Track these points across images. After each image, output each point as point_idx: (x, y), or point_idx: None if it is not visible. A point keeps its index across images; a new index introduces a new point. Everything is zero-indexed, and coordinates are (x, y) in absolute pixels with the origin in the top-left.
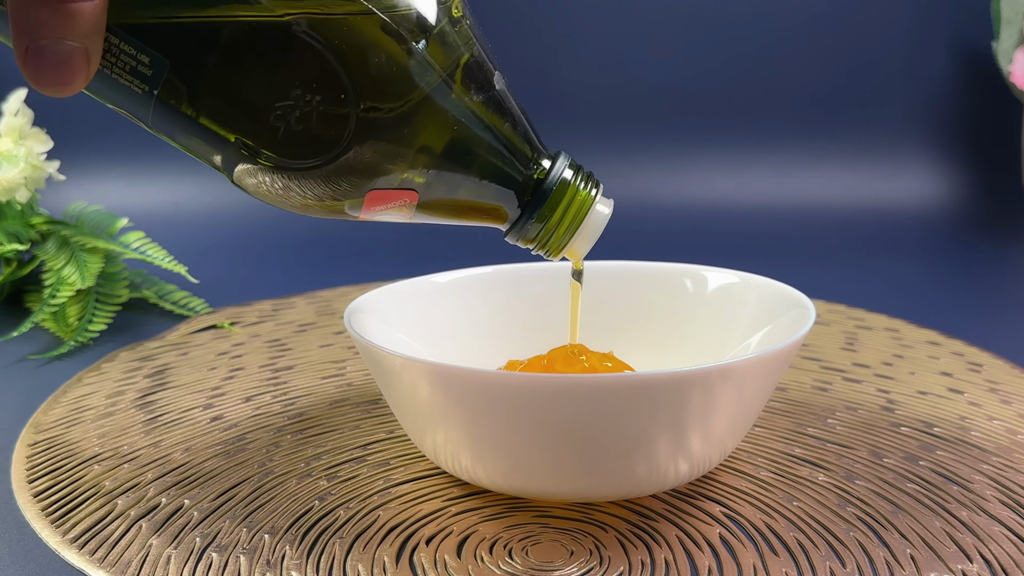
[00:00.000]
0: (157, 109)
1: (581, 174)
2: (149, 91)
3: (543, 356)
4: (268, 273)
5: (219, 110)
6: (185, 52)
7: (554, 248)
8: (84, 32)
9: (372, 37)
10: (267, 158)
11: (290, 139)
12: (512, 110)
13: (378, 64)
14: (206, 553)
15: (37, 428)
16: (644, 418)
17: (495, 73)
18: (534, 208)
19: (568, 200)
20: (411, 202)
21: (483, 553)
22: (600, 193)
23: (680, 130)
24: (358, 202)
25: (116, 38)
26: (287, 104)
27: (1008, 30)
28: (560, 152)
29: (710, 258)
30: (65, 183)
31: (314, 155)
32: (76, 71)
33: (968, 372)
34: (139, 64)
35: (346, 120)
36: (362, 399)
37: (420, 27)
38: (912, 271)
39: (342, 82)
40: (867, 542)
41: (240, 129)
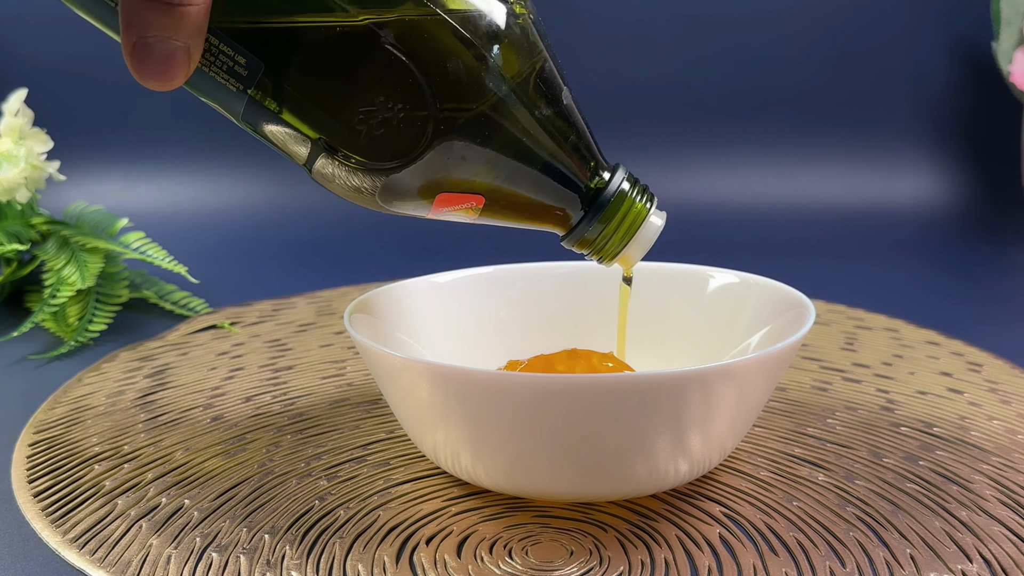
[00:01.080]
0: (249, 106)
1: (638, 187)
2: (243, 90)
3: (543, 356)
4: (268, 273)
5: (306, 111)
6: (279, 56)
7: (608, 254)
8: (188, 32)
9: (447, 44)
10: (346, 157)
11: (371, 142)
12: (578, 122)
13: (453, 70)
14: (206, 553)
15: (37, 428)
16: (644, 418)
17: (563, 87)
18: (593, 216)
19: (625, 210)
20: (477, 205)
21: (483, 553)
22: (655, 206)
23: (680, 130)
24: (428, 203)
25: (216, 39)
26: (369, 109)
27: (1008, 30)
28: (619, 164)
29: (710, 258)
30: (65, 183)
31: (392, 158)
32: (178, 68)
33: (968, 372)
34: (236, 64)
35: (424, 125)
36: (362, 399)
37: (493, 35)
38: (912, 271)
39: (420, 87)
40: (867, 542)
41: (324, 129)
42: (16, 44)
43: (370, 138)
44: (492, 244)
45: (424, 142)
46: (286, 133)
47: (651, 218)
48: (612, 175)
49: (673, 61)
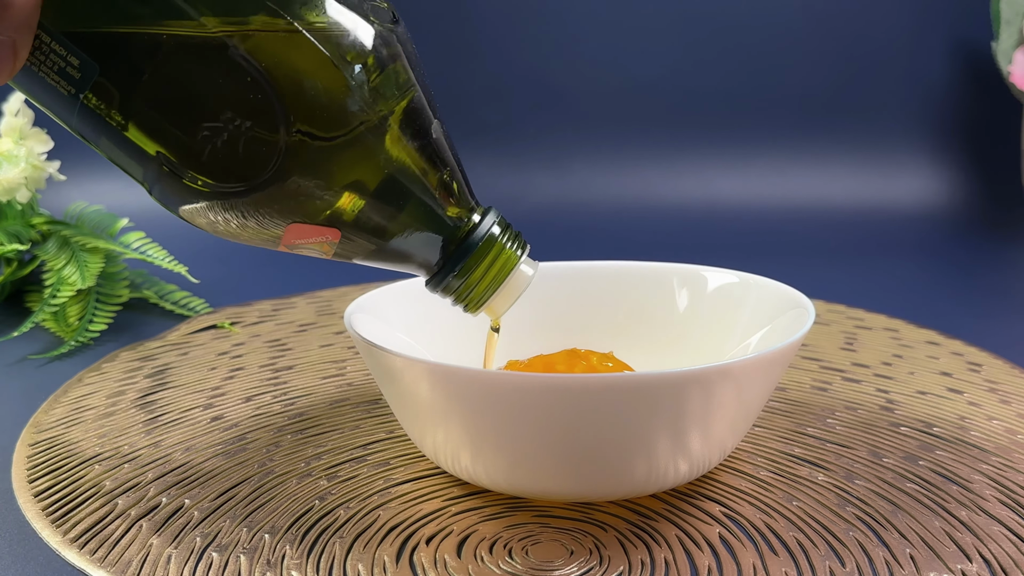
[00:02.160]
0: (82, 113)
1: (509, 232)
2: (75, 94)
3: (543, 356)
4: (268, 273)
5: (145, 122)
6: (116, 60)
7: (473, 304)
8: (14, 26)
9: (307, 64)
10: (190, 178)
11: (215, 161)
12: (447, 159)
13: (313, 92)
14: (206, 553)
15: (37, 428)
16: (644, 418)
17: (434, 121)
18: (457, 261)
19: (493, 257)
20: (333, 240)
21: (483, 553)
22: (526, 254)
23: (680, 130)
24: (278, 234)
25: (48, 36)
26: (215, 125)
27: (1008, 30)
28: (491, 208)
29: (710, 258)
30: (65, 183)
31: (238, 180)
32: (2, 63)
33: (967, 372)
34: (68, 66)
35: (274, 147)
36: (362, 399)
37: (356, 56)
38: (912, 271)
39: (271, 105)
40: (867, 542)
41: (164, 144)
42: None
43: (214, 157)
44: None
45: (272, 166)
46: (122, 146)
47: (521, 267)
48: (482, 218)
49: (673, 61)
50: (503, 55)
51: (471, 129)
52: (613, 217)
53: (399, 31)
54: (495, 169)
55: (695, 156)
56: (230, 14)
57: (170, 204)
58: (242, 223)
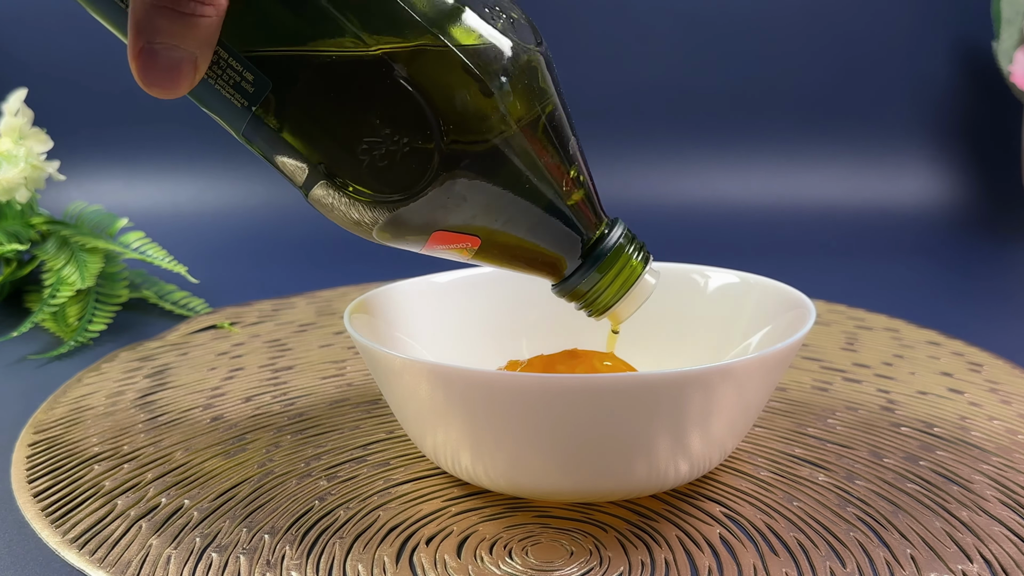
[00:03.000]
0: (252, 123)
1: (635, 243)
2: (248, 107)
3: (543, 356)
4: (268, 273)
5: (309, 135)
6: (287, 77)
7: (598, 309)
8: (197, 43)
9: (459, 81)
10: (345, 186)
11: (373, 173)
12: (583, 172)
13: (462, 109)
14: (206, 553)
15: (37, 428)
16: (644, 418)
17: (572, 137)
18: (587, 268)
19: (620, 266)
20: (472, 247)
21: (483, 553)
22: (650, 264)
23: (680, 129)
24: (423, 239)
25: (226, 52)
26: (374, 140)
27: (1008, 30)
28: (618, 219)
29: (710, 258)
30: (65, 183)
31: (393, 191)
32: (183, 77)
33: (968, 372)
34: (243, 80)
35: (428, 161)
36: (362, 399)
37: (504, 73)
38: (912, 271)
39: (427, 121)
40: (867, 542)
41: (326, 155)
42: (16, 44)
43: (372, 169)
44: None
45: (427, 178)
46: (287, 155)
47: (645, 276)
48: (611, 229)
49: (674, 61)
50: None
51: None
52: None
53: (543, 50)
54: None
55: (695, 156)
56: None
57: (328, 209)
58: (393, 228)
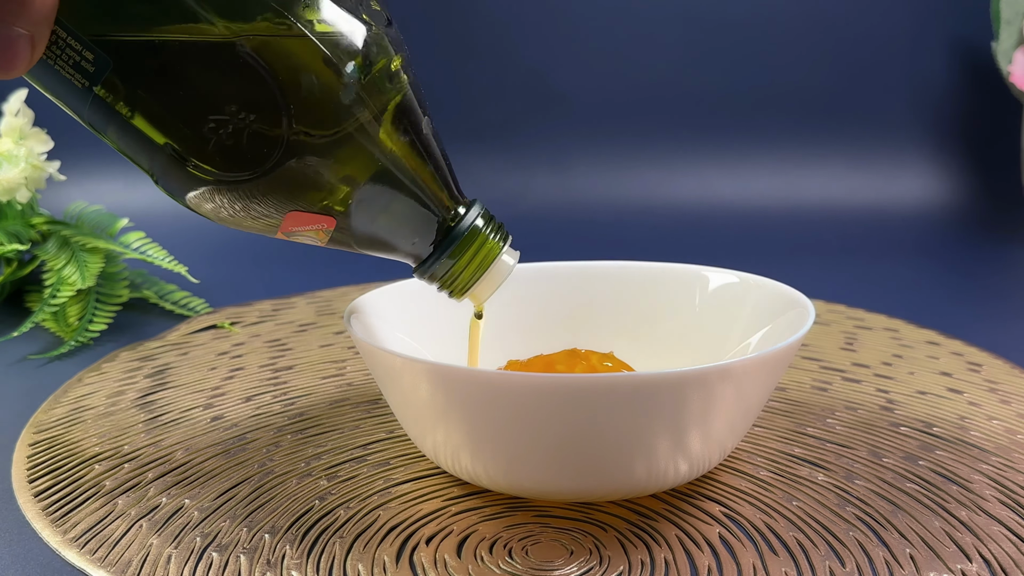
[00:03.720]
0: (94, 104)
1: (493, 224)
2: (88, 87)
3: (543, 356)
4: (268, 273)
5: (154, 114)
6: (129, 57)
7: (458, 289)
8: (32, 20)
9: (308, 63)
10: (195, 166)
11: (220, 151)
12: (435, 154)
13: (311, 90)
14: (206, 553)
15: (37, 428)
16: (644, 418)
17: (424, 118)
18: (444, 249)
19: (477, 246)
20: (328, 227)
21: (483, 553)
22: (508, 244)
23: (680, 130)
24: (276, 221)
25: (64, 32)
26: (221, 117)
27: (1008, 30)
28: (475, 201)
29: (710, 258)
30: (65, 183)
31: (241, 168)
32: (19, 56)
33: (967, 372)
34: (83, 60)
35: (275, 141)
36: (362, 399)
37: (353, 56)
38: (912, 271)
39: (273, 99)
40: (867, 542)
41: (171, 134)
42: None
43: (219, 147)
44: None
45: (275, 155)
46: (131, 136)
47: (503, 256)
48: (467, 210)
49: (673, 62)
50: (503, 55)
51: (471, 129)
52: (613, 217)
53: (391, 32)
54: (495, 169)
55: (695, 156)
56: (235, 16)
57: (176, 193)
58: (244, 210)
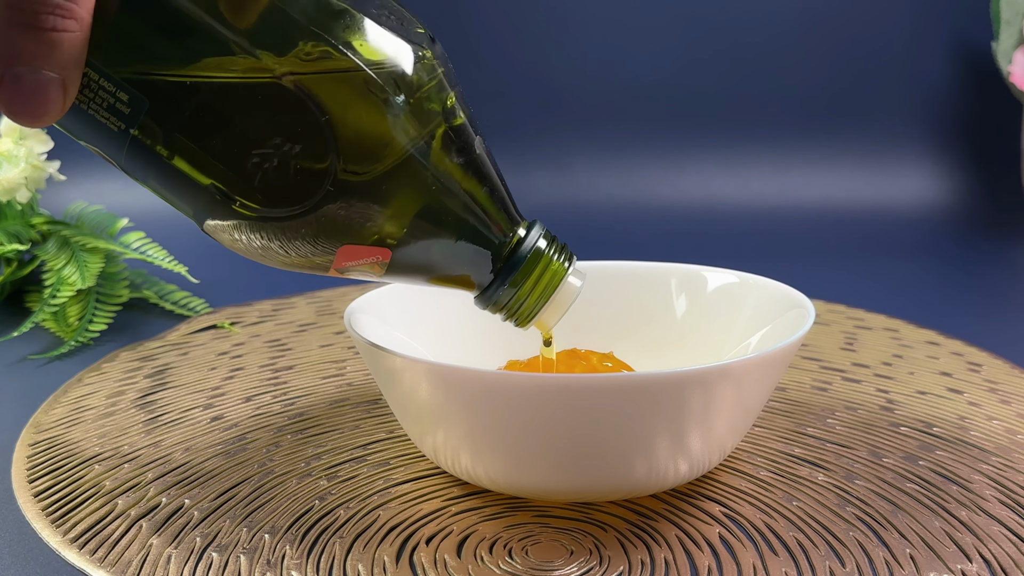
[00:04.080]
0: (132, 148)
1: (555, 245)
2: (125, 129)
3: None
4: (268, 273)
5: (196, 152)
6: (166, 96)
7: (523, 318)
8: (62, 63)
9: (355, 95)
10: (241, 205)
11: (266, 188)
12: (491, 176)
13: (359, 122)
14: (206, 553)
15: (37, 428)
16: (644, 418)
17: (476, 138)
18: (506, 276)
19: (541, 270)
20: (383, 260)
21: (483, 553)
22: (573, 265)
23: (680, 130)
24: (329, 258)
25: (96, 73)
26: (265, 153)
27: (1008, 30)
28: (536, 221)
29: (710, 258)
30: (65, 183)
31: (290, 204)
32: (51, 102)
33: (967, 372)
34: (117, 101)
35: (324, 174)
36: (362, 399)
37: (403, 88)
38: (912, 271)
39: (323, 137)
40: (867, 542)
41: (214, 172)
42: None
43: (265, 184)
44: None
45: (323, 188)
46: (174, 178)
47: (569, 279)
48: (528, 232)
49: (673, 61)
50: (504, 55)
51: None
52: (613, 217)
53: (437, 51)
54: None
55: (695, 156)
56: (276, 47)
57: (229, 237)
58: (296, 247)
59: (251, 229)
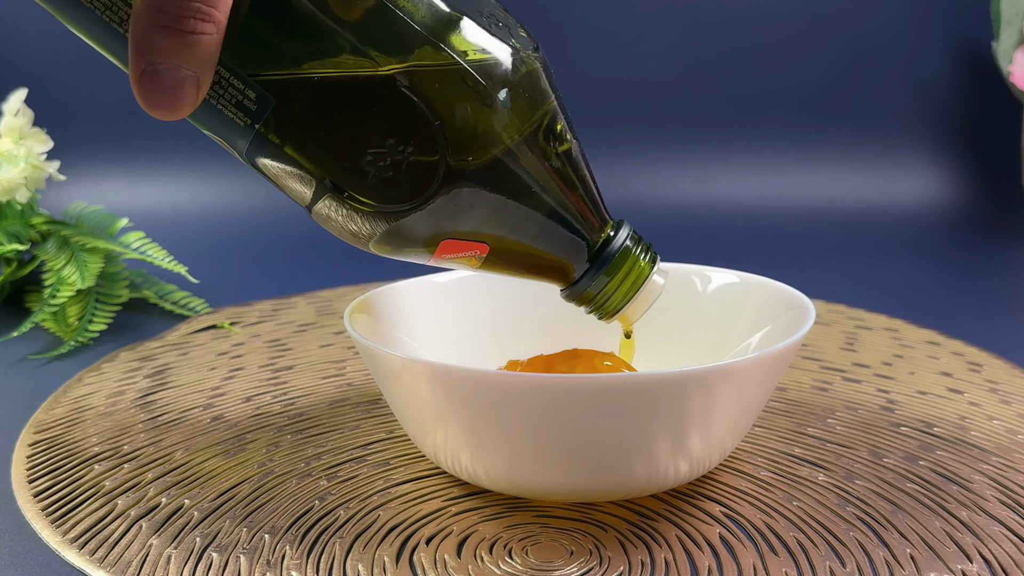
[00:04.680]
0: (255, 142)
1: (642, 244)
2: (251, 124)
3: (543, 356)
4: (268, 273)
5: (314, 149)
6: (290, 94)
7: (609, 311)
8: (198, 62)
9: (461, 92)
10: (351, 199)
11: (379, 184)
12: (585, 175)
13: (463, 116)
14: (206, 553)
15: (37, 428)
16: (644, 418)
17: (573, 140)
18: (595, 272)
19: (628, 268)
20: (481, 254)
21: (483, 553)
22: (658, 264)
23: (680, 129)
24: (431, 249)
25: (226, 71)
26: (379, 151)
27: (1008, 30)
28: (623, 221)
29: (710, 258)
30: (65, 183)
31: (400, 201)
32: (186, 97)
33: (968, 372)
34: (245, 99)
35: (433, 169)
36: (362, 399)
37: (506, 84)
38: (912, 271)
39: (431, 130)
40: (867, 542)
41: (331, 169)
42: (16, 44)
43: (378, 180)
44: None
45: (433, 186)
46: (291, 171)
47: (654, 276)
48: (617, 231)
49: (674, 61)
50: None
51: None
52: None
53: (541, 56)
54: None
55: (696, 156)
56: (394, 51)
57: (336, 224)
58: (403, 240)
59: (361, 219)
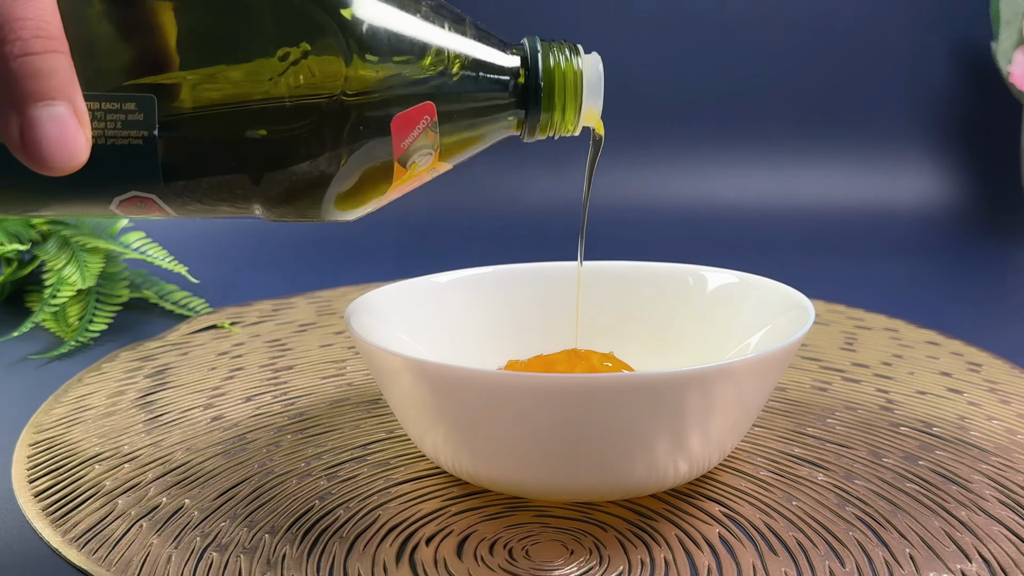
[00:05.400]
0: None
1: (554, 49)
2: (150, 134)
3: (543, 356)
4: (268, 273)
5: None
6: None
7: (572, 121)
8: (60, 84)
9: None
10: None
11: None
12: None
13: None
14: (206, 553)
15: (38, 428)
16: (644, 418)
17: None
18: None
19: (560, 83)
20: (432, 119)
21: (483, 553)
22: (579, 53)
23: (680, 130)
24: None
25: (95, 102)
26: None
27: (1008, 30)
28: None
29: (710, 258)
30: None
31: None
32: (75, 132)
33: (967, 372)
34: (127, 114)
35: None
36: (362, 399)
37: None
38: (912, 271)
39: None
40: (866, 542)
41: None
42: None
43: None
44: (493, 244)
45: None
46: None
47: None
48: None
49: (673, 61)
50: None
51: None
52: (613, 217)
53: None
54: (495, 169)
55: (695, 156)
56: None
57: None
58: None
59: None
